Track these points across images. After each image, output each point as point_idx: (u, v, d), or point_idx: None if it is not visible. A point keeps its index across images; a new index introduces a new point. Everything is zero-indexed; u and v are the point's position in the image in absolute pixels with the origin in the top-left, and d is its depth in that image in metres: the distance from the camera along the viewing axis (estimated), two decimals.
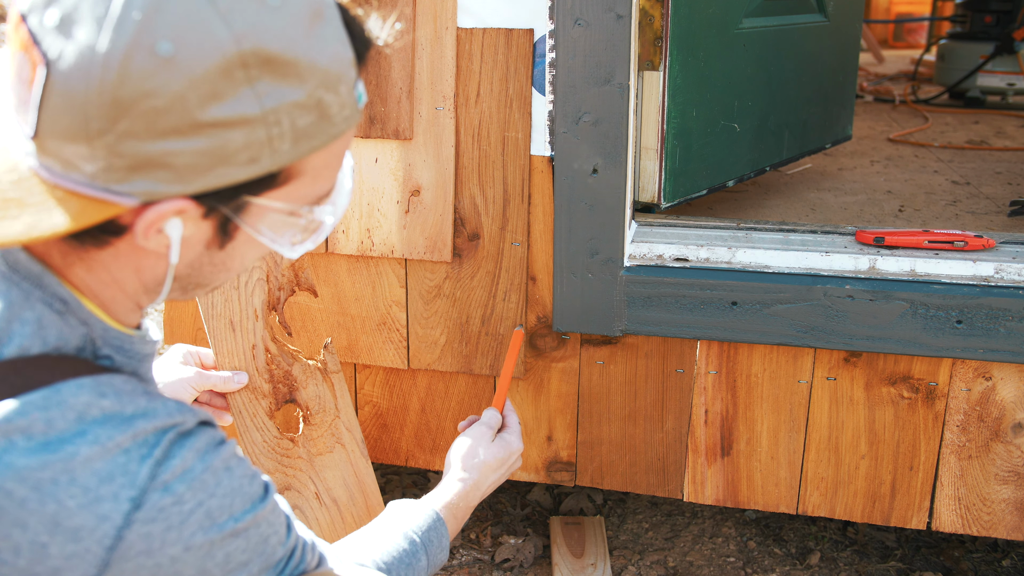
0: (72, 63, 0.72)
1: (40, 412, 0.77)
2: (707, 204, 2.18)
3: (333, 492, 1.55)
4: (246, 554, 0.87)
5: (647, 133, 1.86)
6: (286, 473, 1.52)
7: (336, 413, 1.54)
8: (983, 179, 2.51)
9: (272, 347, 1.50)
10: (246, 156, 0.77)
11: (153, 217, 0.78)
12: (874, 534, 2.08)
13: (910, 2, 7.77)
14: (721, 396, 1.75)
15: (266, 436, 1.50)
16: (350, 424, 1.56)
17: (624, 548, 2.03)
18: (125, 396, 0.82)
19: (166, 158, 0.74)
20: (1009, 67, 3.83)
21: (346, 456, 1.55)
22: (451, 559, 2.00)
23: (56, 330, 0.83)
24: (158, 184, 0.76)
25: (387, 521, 1.27)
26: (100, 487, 0.77)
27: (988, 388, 1.65)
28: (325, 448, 1.54)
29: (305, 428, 1.52)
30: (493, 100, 1.66)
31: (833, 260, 1.67)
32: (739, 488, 1.79)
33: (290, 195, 0.83)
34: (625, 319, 1.70)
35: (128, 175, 0.75)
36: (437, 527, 1.29)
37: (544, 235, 1.71)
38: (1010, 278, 1.61)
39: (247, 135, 0.76)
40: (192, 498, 0.81)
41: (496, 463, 1.43)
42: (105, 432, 0.79)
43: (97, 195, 0.76)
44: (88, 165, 0.74)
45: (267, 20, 0.75)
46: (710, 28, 1.91)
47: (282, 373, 1.50)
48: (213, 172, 0.76)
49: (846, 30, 2.47)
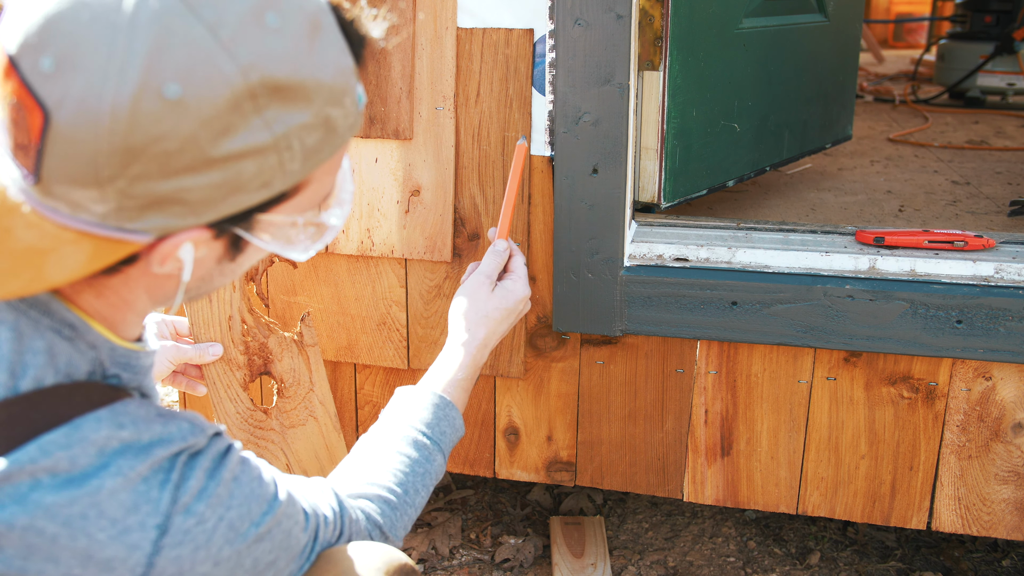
0: (76, 111, 0.69)
1: (63, 451, 0.78)
2: (707, 204, 2.18)
3: (304, 464, 1.55)
4: (272, 553, 0.89)
5: (647, 133, 1.86)
6: (258, 444, 1.52)
7: (310, 386, 1.54)
8: (983, 179, 2.51)
9: (248, 318, 1.49)
10: (259, 182, 0.76)
11: (168, 248, 0.78)
12: (874, 534, 2.08)
13: (910, 2, 7.77)
14: (721, 396, 1.75)
15: (239, 408, 1.50)
16: (324, 398, 1.55)
17: (624, 548, 2.03)
18: (141, 423, 0.82)
19: (179, 195, 0.73)
20: (1009, 67, 3.83)
21: (319, 429, 1.55)
22: (451, 559, 2.00)
23: (67, 357, 0.83)
24: (172, 219, 0.75)
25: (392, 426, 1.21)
26: (127, 518, 0.79)
27: (988, 388, 1.65)
28: (298, 421, 1.54)
29: (279, 400, 1.52)
30: (493, 100, 1.66)
31: (833, 260, 1.67)
32: (739, 488, 1.79)
33: (297, 206, 0.84)
34: (625, 319, 1.70)
35: (141, 214, 0.74)
36: (448, 414, 1.24)
37: (544, 235, 1.71)
38: (1010, 278, 1.61)
39: (259, 163, 0.75)
40: (212, 515, 0.83)
41: (500, 315, 1.35)
42: (127, 463, 0.80)
43: (109, 235, 0.75)
44: (98, 207, 0.73)
45: (270, 45, 0.74)
46: (710, 28, 1.91)
47: (258, 345, 1.50)
48: (227, 201, 0.76)
49: (846, 30, 2.47)
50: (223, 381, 1.49)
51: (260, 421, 1.52)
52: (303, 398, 1.54)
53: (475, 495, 2.23)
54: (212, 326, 1.47)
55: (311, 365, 1.54)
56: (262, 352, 1.50)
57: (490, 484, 2.26)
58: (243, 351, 1.49)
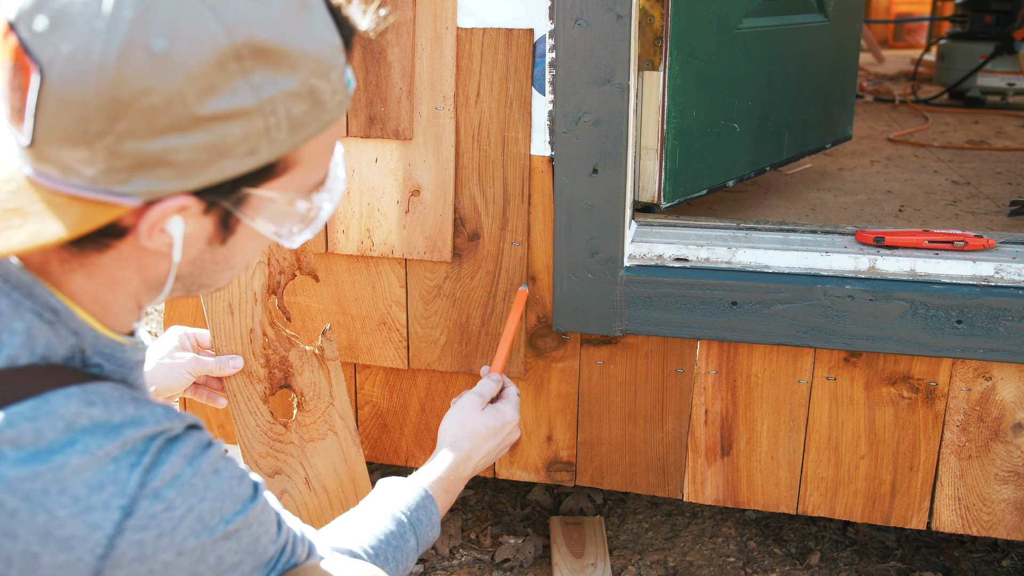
0: (67, 66, 0.72)
1: (29, 423, 0.77)
2: (707, 204, 2.18)
3: (323, 479, 1.55)
4: (237, 555, 0.87)
5: (647, 133, 1.86)
6: (277, 458, 1.52)
7: (330, 400, 1.54)
8: (983, 179, 2.51)
9: (270, 332, 1.49)
10: (245, 148, 0.77)
11: (156, 216, 0.78)
12: (874, 534, 2.08)
13: (910, 2, 7.77)
14: (721, 396, 1.75)
15: (259, 420, 1.50)
16: (344, 412, 1.55)
17: (624, 548, 2.04)
18: (113, 404, 0.81)
19: (166, 155, 0.74)
20: (1009, 67, 3.83)
21: (338, 444, 1.55)
22: (451, 559, 2.00)
23: (45, 340, 0.82)
24: (159, 182, 0.76)
25: (375, 502, 1.26)
26: (90, 496, 0.77)
27: (988, 388, 1.65)
28: (318, 435, 1.54)
29: (299, 414, 1.52)
30: (493, 100, 1.66)
31: (833, 260, 1.67)
32: (739, 488, 1.79)
33: (287, 185, 0.84)
34: (625, 319, 1.70)
35: (129, 176, 0.75)
36: (426, 505, 1.28)
37: (544, 235, 1.71)
38: (1010, 278, 1.61)
39: (245, 127, 0.76)
40: (183, 503, 0.81)
41: (487, 432, 1.41)
42: (94, 441, 0.79)
43: (99, 198, 0.76)
44: (88, 169, 0.74)
45: (256, 11, 0.75)
46: (710, 28, 1.91)
47: (278, 358, 1.50)
48: (213, 166, 0.76)
49: (846, 30, 2.47)
50: (243, 394, 1.48)
51: (280, 434, 1.51)
52: (323, 412, 1.54)
53: (475, 495, 2.23)
54: (233, 338, 1.47)
55: (331, 379, 1.54)
56: (283, 365, 1.50)
57: (490, 484, 2.26)
58: (264, 364, 1.49)
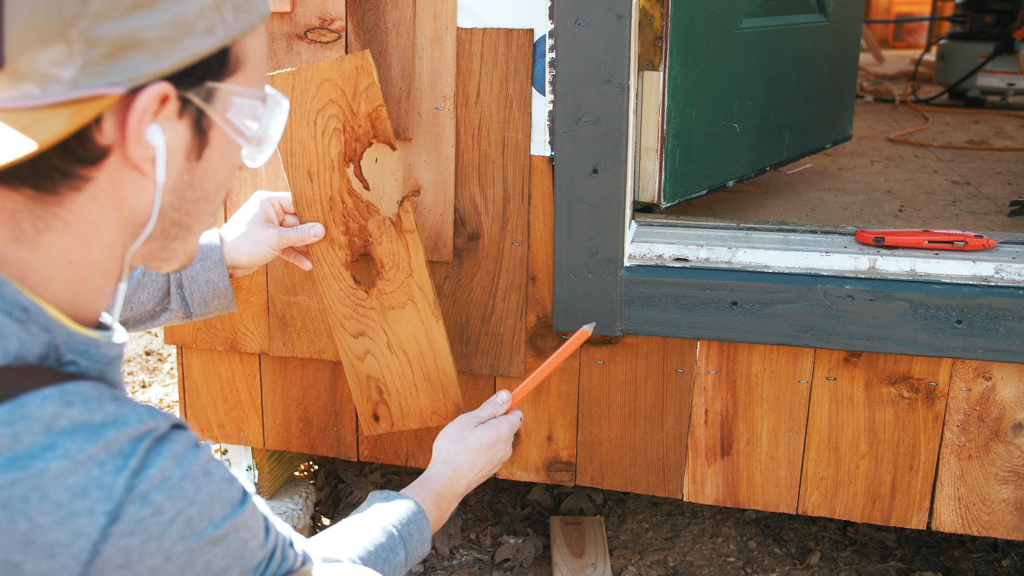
0: None
1: (5, 427, 0.75)
2: (707, 204, 2.18)
3: (403, 344, 1.62)
4: (226, 560, 0.86)
5: (647, 133, 1.86)
6: (360, 321, 1.61)
7: (409, 271, 1.59)
8: (983, 179, 2.51)
9: (348, 200, 1.56)
10: (203, 25, 0.82)
11: (143, 104, 0.80)
12: (874, 534, 2.09)
13: (910, 2, 7.77)
14: (721, 396, 1.75)
15: (342, 285, 1.59)
16: (422, 284, 1.59)
17: (624, 548, 2.03)
18: (93, 403, 0.80)
19: (138, 34, 0.78)
20: (1009, 67, 3.83)
21: (417, 314, 1.60)
22: (451, 559, 2.00)
23: (17, 339, 0.80)
24: (137, 66, 0.78)
25: (366, 514, 1.26)
26: (74, 502, 0.75)
27: (988, 388, 1.65)
28: (398, 303, 1.60)
29: (378, 282, 1.59)
30: (493, 100, 1.66)
31: (833, 260, 1.67)
32: (739, 488, 1.79)
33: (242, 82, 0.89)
34: (625, 319, 1.70)
35: (108, 64, 0.77)
36: (418, 519, 1.29)
37: (544, 235, 1.71)
38: (1010, 278, 1.61)
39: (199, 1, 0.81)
40: (171, 507, 0.80)
41: (482, 448, 1.42)
42: (75, 444, 0.77)
43: (83, 94, 0.77)
44: (67, 69, 0.76)
45: None
46: (710, 28, 1.91)
47: (358, 227, 1.56)
48: (180, 45, 0.80)
49: (846, 30, 2.47)
50: (326, 259, 1.58)
51: (361, 300, 1.60)
52: (402, 282, 1.59)
53: (475, 495, 2.23)
54: (314, 206, 1.55)
55: (410, 250, 1.58)
56: (362, 234, 1.57)
57: (490, 484, 2.26)
58: (343, 231, 1.56)
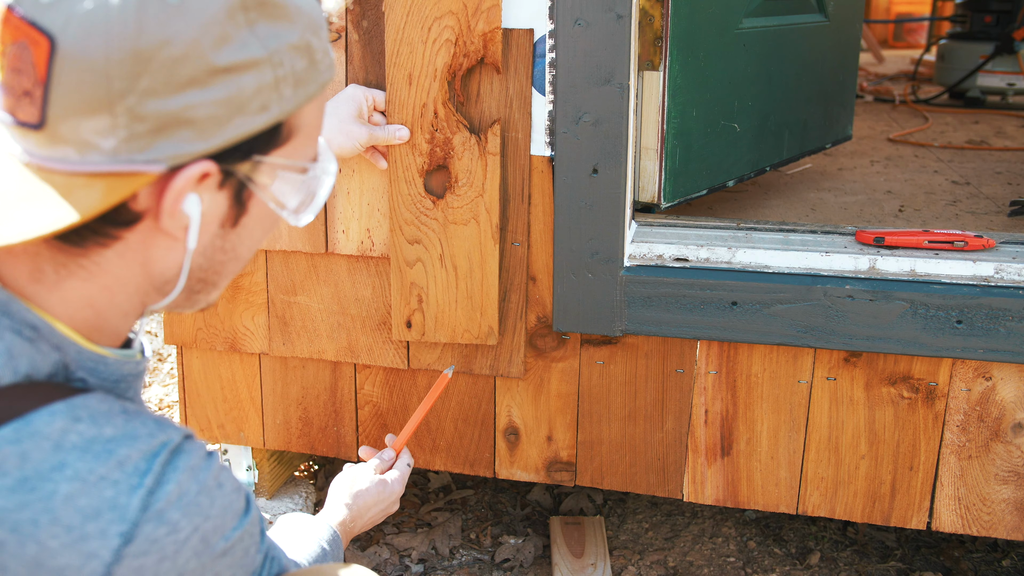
0: (84, 26, 0.71)
1: (12, 446, 0.74)
2: (707, 204, 2.18)
3: (456, 259, 1.66)
4: (231, 570, 0.85)
5: (647, 133, 1.86)
6: (419, 228, 1.65)
7: (481, 191, 1.62)
8: (983, 179, 2.51)
9: (441, 110, 1.59)
10: (258, 103, 0.78)
11: (181, 184, 0.77)
12: (874, 534, 2.08)
13: (910, 2, 7.77)
14: (721, 396, 1.75)
15: (412, 190, 1.63)
16: (490, 206, 1.63)
17: (624, 548, 2.03)
18: (101, 417, 0.78)
19: (187, 112, 0.74)
20: (1009, 67, 3.83)
21: (478, 233, 1.64)
22: (451, 559, 2.00)
23: (27, 358, 0.79)
24: (181, 144, 0.75)
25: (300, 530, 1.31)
26: (85, 525, 0.74)
27: (988, 388, 1.65)
28: (461, 219, 1.64)
29: (448, 196, 1.62)
30: (493, 100, 1.66)
31: (833, 260, 1.67)
32: (739, 488, 1.79)
33: (291, 154, 0.85)
34: (625, 319, 1.70)
35: (151, 140, 0.74)
36: (337, 540, 1.35)
37: (544, 235, 1.71)
38: (1010, 278, 1.61)
39: (257, 79, 0.77)
40: (188, 524, 0.78)
41: (372, 500, 1.47)
42: (85, 464, 0.75)
43: (121, 168, 0.74)
44: (108, 140, 0.73)
45: None
46: (710, 28, 1.91)
47: (443, 139, 1.60)
48: (231, 124, 0.77)
49: (846, 30, 2.47)
50: (403, 162, 1.63)
51: (427, 209, 1.64)
52: (471, 200, 1.62)
53: (475, 495, 2.23)
54: (406, 109, 1.59)
55: (487, 171, 1.61)
56: (445, 146, 1.60)
57: (490, 484, 2.26)
58: (428, 140, 1.60)
